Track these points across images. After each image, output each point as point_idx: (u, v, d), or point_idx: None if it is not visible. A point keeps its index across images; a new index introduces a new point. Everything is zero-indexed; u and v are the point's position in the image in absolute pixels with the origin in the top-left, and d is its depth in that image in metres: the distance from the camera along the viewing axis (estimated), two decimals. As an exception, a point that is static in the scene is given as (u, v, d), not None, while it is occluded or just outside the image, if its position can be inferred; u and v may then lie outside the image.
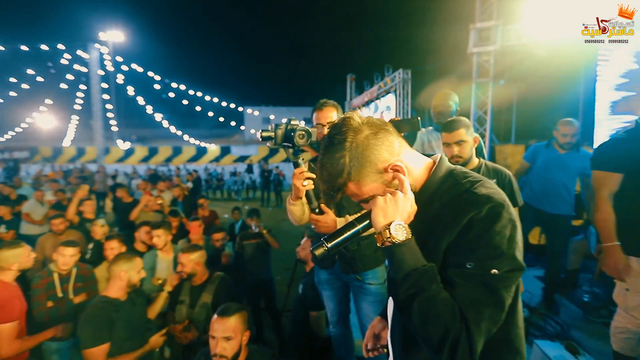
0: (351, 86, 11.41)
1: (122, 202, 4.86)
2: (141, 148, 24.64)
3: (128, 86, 23.39)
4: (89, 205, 4.24)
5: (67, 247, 2.44)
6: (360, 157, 0.76)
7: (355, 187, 0.78)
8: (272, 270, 3.60)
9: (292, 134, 1.35)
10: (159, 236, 2.85)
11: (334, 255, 1.79)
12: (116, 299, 1.94)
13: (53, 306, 2.32)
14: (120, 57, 22.13)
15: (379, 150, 0.76)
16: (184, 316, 2.20)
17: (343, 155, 0.75)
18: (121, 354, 1.88)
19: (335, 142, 0.77)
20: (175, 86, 24.40)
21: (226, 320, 1.55)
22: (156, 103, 25.77)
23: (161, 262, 2.91)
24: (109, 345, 1.81)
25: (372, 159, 0.76)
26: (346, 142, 0.76)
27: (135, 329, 1.99)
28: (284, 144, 1.40)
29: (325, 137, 0.80)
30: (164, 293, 2.30)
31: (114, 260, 2.02)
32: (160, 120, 25.74)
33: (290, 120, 1.40)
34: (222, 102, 25.41)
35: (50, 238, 3.36)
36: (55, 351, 2.36)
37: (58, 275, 2.41)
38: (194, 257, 2.28)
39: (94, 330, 1.79)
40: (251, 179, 16.53)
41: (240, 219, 4.69)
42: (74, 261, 2.46)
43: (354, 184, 0.78)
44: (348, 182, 0.77)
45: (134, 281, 2.00)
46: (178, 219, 3.95)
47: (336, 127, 0.79)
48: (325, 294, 1.98)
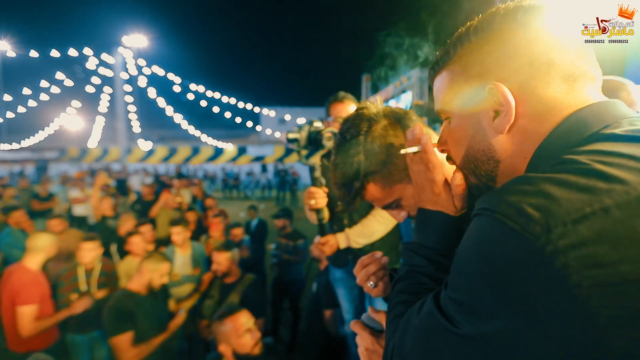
0: (367, 86, 11.35)
1: (144, 200, 5.04)
2: (162, 148, 25.39)
3: (150, 88, 24.19)
4: (108, 203, 4.36)
5: (87, 242, 2.56)
6: (379, 152, 0.63)
7: (377, 190, 0.65)
8: (303, 273, 3.60)
9: (318, 136, 1.34)
10: (178, 233, 2.95)
11: (348, 254, 1.80)
12: (137, 293, 2.03)
13: (76, 299, 2.43)
14: (142, 61, 22.93)
15: (401, 142, 0.63)
16: (210, 311, 2.27)
17: (358, 152, 0.63)
18: None
19: (347, 138, 0.65)
20: (194, 88, 25.02)
21: None
22: (176, 104, 26.52)
23: (178, 258, 3.00)
24: (132, 333, 1.89)
25: (393, 153, 0.63)
26: (360, 136, 0.63)
27: (157, 320, 2.07)
28: (308, 146, 1.41)
29: (337, 134, 0.69)
30: (196, 294, 2.40)
31: (146, 257, 2.11)
32: (179, 121, 26.47)
33: (312, 122, 1.39)
34: (239, 102, 25.85)
35: None
36: (79, 344, 2.46)
37: (83, 269, 2.53)
38: (229, 255, 2.36)
39: (116, 320, 1.88)
40: (267, 178, 16.74)
41: (257, 217, 4.77)
42: (94, 255, 2.56)
43: (374, 186, 0.65)
44: (366, 183, 0.65)
45: (154, 283, 2.08)
46: (196, 215, 4.07)
47: (348, 121, 0.67)
48: (340, 292, 1.99)
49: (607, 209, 0.31)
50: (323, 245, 1.62)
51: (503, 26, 0.45)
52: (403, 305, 0.53)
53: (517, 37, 0.44)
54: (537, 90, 0.44)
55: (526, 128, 0.45)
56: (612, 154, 0.35)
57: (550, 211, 0.32)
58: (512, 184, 0.38)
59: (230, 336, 1.55)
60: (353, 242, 1.70)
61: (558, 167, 0.37)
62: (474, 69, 0.47)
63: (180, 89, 25.60)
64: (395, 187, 0.65)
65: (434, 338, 0.42)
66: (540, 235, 0.32)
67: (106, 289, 2.55)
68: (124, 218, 3.59)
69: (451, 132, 0.52)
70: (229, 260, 2.34)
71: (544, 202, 0.33)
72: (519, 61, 0.44)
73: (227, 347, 1.54)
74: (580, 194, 0.32)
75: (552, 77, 0.43)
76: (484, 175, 0.49)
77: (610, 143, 0.37)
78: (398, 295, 0.57)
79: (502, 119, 0.45)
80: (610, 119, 0.41)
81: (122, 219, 3.58)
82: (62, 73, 22.31)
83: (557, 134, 0.43)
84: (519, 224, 0.33)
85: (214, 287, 2.36)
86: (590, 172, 0.34)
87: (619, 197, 0.31)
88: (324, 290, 2.48)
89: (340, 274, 1.96)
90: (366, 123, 0.64)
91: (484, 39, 0.46)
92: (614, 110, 0.42)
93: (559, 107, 0.43)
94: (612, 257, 0.30)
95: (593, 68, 0.46)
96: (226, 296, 2.29)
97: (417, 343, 0.45)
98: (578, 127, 0.41)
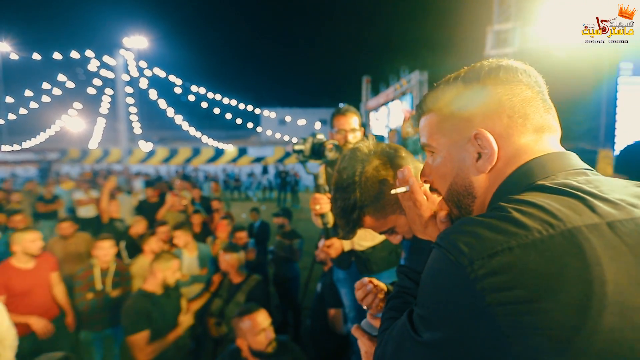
0: (367, 88, 11.43)
1: (148, 202, 5.12)
2: (162, 149, 25.46)
3: (151, 90, 24.28)
4: (115, 205, 4.42)
5: (103, 240, 2.65)
6: (371, 190, 0.72)
7: (372, 220, 0.75)
8: (299, 270, 3.75)
9: (321, 148, 1.44)
10: (179, 237, 3.07)
11: (351, 256, 1.90)
12: (153, 293, 2.12)
13: (92, 298, 2.53)
14: (143, 62, 23.03)
15: (392, 179, 0.73)
16: (218, 309, 2.37)
17: (354, 189, 0.73)
18: None
19: (344, 177, 0.74)
20: (195, 89, 25.11)
21: None
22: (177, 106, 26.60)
23: (185, 259, 3.10)
24: (148, 332, 1.99)
25: (384, 190, 0.72)
26: (355, 177, 0.73)
27: (170, 319, 2.17)
28: (312, 157, 1.51)
29: (335, 172, 0.78)
30: (207, 293, 2.50)
31: (155, 258, 2.21)
32: (180, 122, 26.56)
33: (315, 134, 1.49)
34: (239, 104, 25.95)
35: (58, 242, 3.35)
36: (92, 341, 2.56)
37: (99, 268, 2.62)
38: (236, 256, 2.45)
39: (133, 320, 1.98)
40: (268, 180, 16.82)
41: (259, 219, 4.85)
42: (112, 253, 2.65)
43: (370, 218, 0.75)
44: (363, 216, 0.75)
45: (168, 281, 2.18)
46: (201, 217, 4.16)
47: (344, 160, 0.76)
48: (343, 291, 2.08)
49: (511, 248, 0.40)
50: (329, 247, 1.71)
51: (488, 81, 0.53)
52: (390, 321, 0.63)
53: (500, 91, 0.52)
54: (513, 138, 0.52)
55: (500, 169, 0.53)
56: (529, 204, 0.44)
57: (475, 247, 0.42)
58: (458, 224, 0.47)
59: (247, 333, 1.67)
60: (357, 244, 1.79)
61: (492, 211, 0.47)
62: (462, 114, 0.54)
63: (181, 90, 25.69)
64: (388, 218, 0.75)
65: (404, 345, 0.51)
66: (467, 266, 0.41)
67: (120, 288, 2.64)
68: (135, 219, 3.69)
69: (436, 167, 0.59)
70: (237, 261, 2.44)
71: (472, 240, 0.43)
72: (501, 112, 0.52)
73: (244, 342, 1.66)
74: (496, 234, 0.42)
75: (526, 128, 0.52)
76: (464, 208, 0.58)
77: (535, 193, 0.46)
78: (388, 312, 0.67)
79: (485, 161, 0.52)
80: (551, 170, 0.50)
81: (134, 220, 3.68)
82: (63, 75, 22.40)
83: (510, 179, 0.52)
84: (454, 256, 0.43)
85: (223, 287, 2.46)
86: (507, 219, 0.43)
87: (520, 240, 0.40)
88: (328, 290, 2.57)
89: (343, 274, 2.05)
90: (360, 164, 0.74)
91: (472, 89, 0.54)
92: (560, 163, 0.51)
93: (529, 152, 0.52)
94: (510, 284, 0.39)
95: (555, 122, 0.55)
96: (233, 296, 2.38)
97: (394, 350, 0.54)
98: (525, 176, 0.51)
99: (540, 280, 0.38)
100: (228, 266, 2.42)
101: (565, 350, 0.37)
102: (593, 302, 0.37)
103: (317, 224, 1.78)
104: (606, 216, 0.41)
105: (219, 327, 2.26)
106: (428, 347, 0.47)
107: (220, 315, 2.31)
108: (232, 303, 2.36)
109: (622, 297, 0.37)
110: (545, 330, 0.37)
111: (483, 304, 0.40)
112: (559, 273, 0.38)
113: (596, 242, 0.39)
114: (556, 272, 0.38)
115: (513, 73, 0.53)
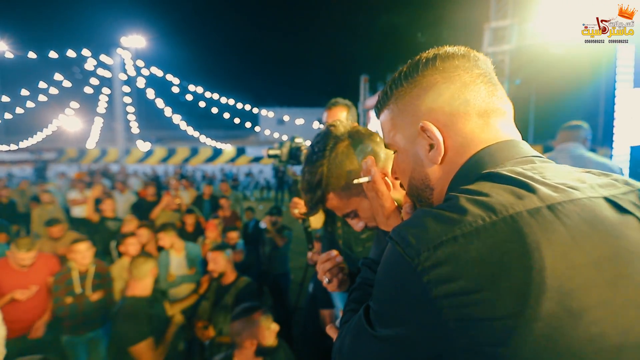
0: (365, 87, 11.40)
1: (146, 201, 5.05)
2: (160, 149, 25.41)
3: (148, 89, 24.19)
4: (109, 204, 4.36)
5: (78, 243, 2.54)
6: (339, 167, 0.71)
7: (336, 199, 0.74)
8: (289, 267, 3.74)
9: (298, 152, 1.41)
10: (162, 239, 3.01)
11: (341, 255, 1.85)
12: (144, 297, 2.06)
13: (72, 302, 2.44)
14: (141, 62, 22.94)
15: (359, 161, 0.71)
16: (206, 312, 2.31)
17: (322, 164, 0.72)
18: None
19: (315, 151, 0.74)
20: (193, 89, 25.04)
21: None
22: (175, 105, 26.52)
23: (173, 259, 3.05)
24: (152, 339, 1.93)
25: (352, 169, 0.71)
26: (325, 151, 0.72)
27: (163, 320, 2.13)
28: (289, 161, 1.47)
29: (309, 147, 0.78)
30: (195, 295, 2.44)
31: (138, 263, 2.11)
32: (178, 121, 26.48)
33: (294, 137, 1.46)
34: (237, 103, 25.88)
35: (48, 243, 3.26)
36: (74, 345, 2.47)
37: (77, 272, 2.53)
38: (224, 255, 2.39)
39: (136, 327, 1.91)
40: (265, 179, 16.78)
41: (254, 218, 4.81)
42: (89, 256, 2.56)
43: (334, 196, 0.73)
44: (326, 193, 0.73)
45: (149, 283, 2.11)
46: (195, 217, 4.10)
47: (318, 136, 0.76)
48: (334, 292, 2.04)
49: (456, 237, 0.39)
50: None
51: (426, 72, 0.53)
52: (351, 313, 0.63)
53: (438, 81, 0.52)
54: (458, 126, 0.51)
55: (452, 159, 0.52)
56: (475, 192, 0.43)
57: (421, 239, 0.41)
58: (412, 216, 0.46)
59: (258, 330, 1.63)
60: None
61: (443, 202, 0.46)
62: (408, 109, 0.54)
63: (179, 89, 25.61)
64: (352, 200, 0.73)
65: (360, 338, 0.51)
66: (414, 258, 0.40)
67: (101, 290, 2.55)
68: (126, 218, 3.64)
69: (397, 164, 0.59)
70: (225, 259, 2.38)
71: (419, 232, 0.41)
72: (441, 102, 0.51)
73: (253, 342, 1.61)
74: (442, 225, 0.40)
75: (469, 115, 0.51)
76: (424, 201, 0.57)
77: (483, 182, 0.45)
78: (349, 304, 0.67)
79: (435, 152, 0.52)
80: (500, 159, 0.49)
81: (125, 219, 3.62)
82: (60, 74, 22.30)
83: (462, 170, 0.51)
84: (402, 249, 0.42)
85: (210, 289, 2.40)
86: (454, 208, 0.41)
87: (464, 229, 0.39)
88: (320, 291, 2.52)
89: (334, 274, 2.01)
90: (332, 140, 0.73)
91: (412, 83, 0.53)
92: (508, 152, 0.50)
93: (476, 141, 0.51)
94: (454, 275, 0.38)
95: (503, 104, 0.53)
96: (221, 298, 2.32)
97: (350, 342, 0.53)
98: (475, 166, 0.50)
99: (482, 269, 0.37)
100: (218, 265, 2.36)
101: (508, 339, 0.36)
102: (532, 289, 0.36)
103: None
104: (546, 199, 0.41)
105: (206, 330, 2.21)
106: (382, 341, 0.47)
107: (208, 318, 2.25)
108: (219, 306, 2.30)
109: (559, 281, 0.36)
110: (489, 321, 0.37)
111: (429, 297, 0.39)
112: (500, 261, 0.37)
113: (536, 227, 0.38)
114: (497, 259, 0.37)
115: (450, 60, 0.52)
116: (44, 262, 2.58)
